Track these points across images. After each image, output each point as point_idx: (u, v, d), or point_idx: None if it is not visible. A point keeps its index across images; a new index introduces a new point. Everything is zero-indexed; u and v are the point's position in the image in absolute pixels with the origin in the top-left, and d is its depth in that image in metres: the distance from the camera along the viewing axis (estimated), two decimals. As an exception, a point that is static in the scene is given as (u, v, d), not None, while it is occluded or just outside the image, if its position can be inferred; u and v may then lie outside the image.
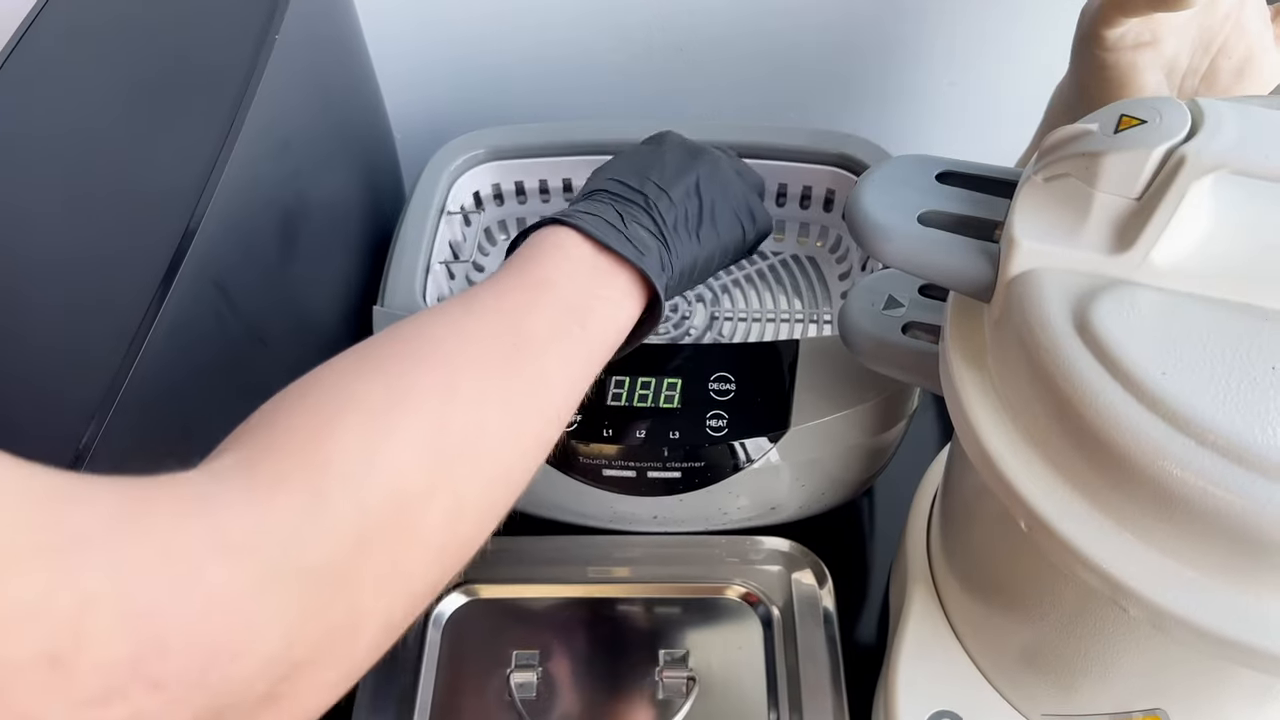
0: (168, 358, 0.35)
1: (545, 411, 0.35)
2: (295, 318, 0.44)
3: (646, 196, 0.42)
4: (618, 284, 0.40)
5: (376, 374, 0.31)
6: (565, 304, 0.37)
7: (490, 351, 0.33)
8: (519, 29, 0.65)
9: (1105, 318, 0.32)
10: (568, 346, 0.36)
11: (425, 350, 0.32)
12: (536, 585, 0.50)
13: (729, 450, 0.46)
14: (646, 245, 0.41)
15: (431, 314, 0.35)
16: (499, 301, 0.36)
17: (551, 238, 0.39)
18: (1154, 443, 0.29)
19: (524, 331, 0.35)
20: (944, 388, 0.38)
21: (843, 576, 0.50)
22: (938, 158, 0.39)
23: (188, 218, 0.37)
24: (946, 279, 0.37)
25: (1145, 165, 0.32)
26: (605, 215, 0.41)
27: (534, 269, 0.38)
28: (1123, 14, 0.43)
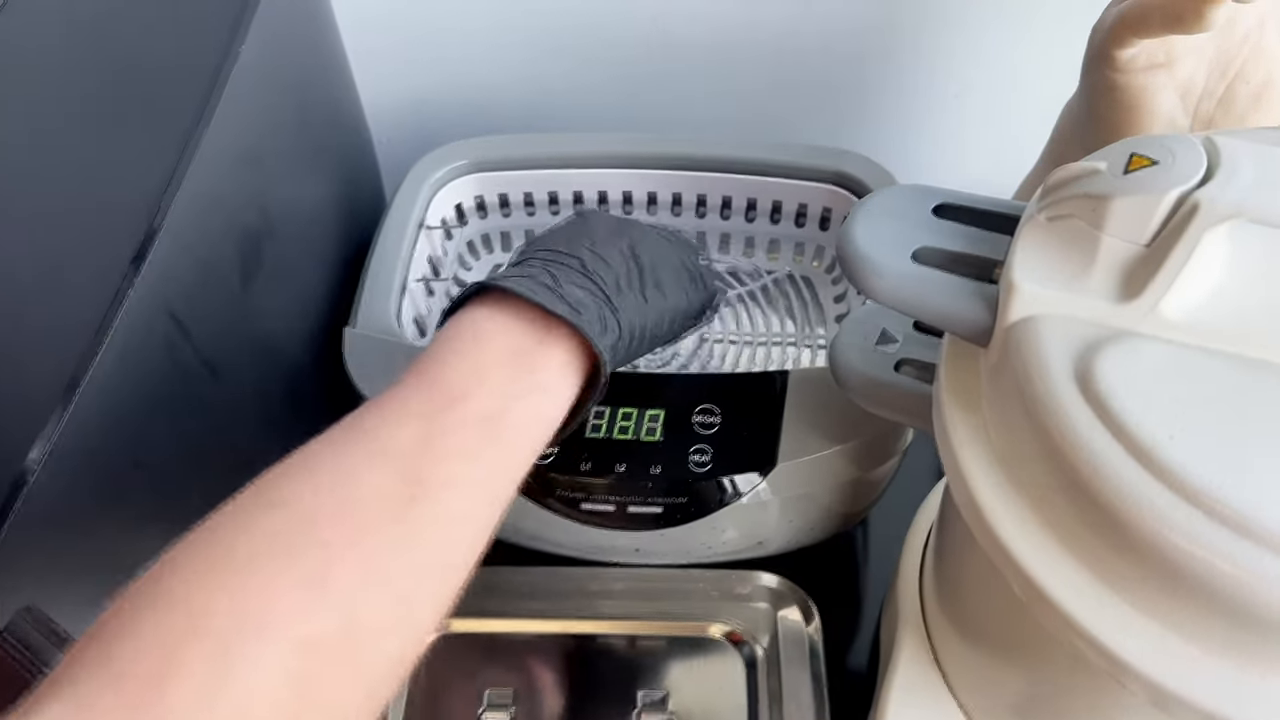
0: (115, 390, 0.33)
1: (447, 569, 0.31)
2: (258, 344, 0.42)
3: (580, 259, 0.39)
4: (551, 363, 0.36)
5: (230, 575, 0.27)
6: (478, 418, 0.33)
7: (377, 513, 0.29)
8: (507, 36, 0.62)
9: (1109, 372, 0.30)
10: (479, 475, 0.32)
11: (294, 526, 0.28)
12: (511, 620, 0.48)
13: (714, 486, 0.44)
14: (583, 303, 0.37)
15: (312, 460, 0.31)
16: (395, 435, 0.31)
17: (470, 320, 0.36)
18: (1159, 512, 0.27)
19: (422, 476, 0.31)
20: (936, 435, 0.36)
21: (831, 610, 0.48)
22: (935, 189, 0.37)
23: (140, 240, 0.35)
24: (941, 321, 0.34)
25: (1156, 211, 0.30)
26: (537, 277, 0.38)
27: (443, 374, 0.34)
28: (1136, 34, 0.41)
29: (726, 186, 0.56)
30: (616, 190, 0.57)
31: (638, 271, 0.40)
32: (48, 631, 0.30)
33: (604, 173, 0.56)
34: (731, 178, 0.56)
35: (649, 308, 0.40)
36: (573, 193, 0.57)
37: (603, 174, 0.56)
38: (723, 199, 0.57)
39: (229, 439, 0.40)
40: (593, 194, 0.57)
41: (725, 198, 0.57)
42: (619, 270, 0.40)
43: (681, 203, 0.57)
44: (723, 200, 0.57)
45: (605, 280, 0.39)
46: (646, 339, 0.40)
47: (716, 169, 0.55)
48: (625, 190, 0.57)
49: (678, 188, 0.57)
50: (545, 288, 0.37)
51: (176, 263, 0.36)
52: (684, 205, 0.58)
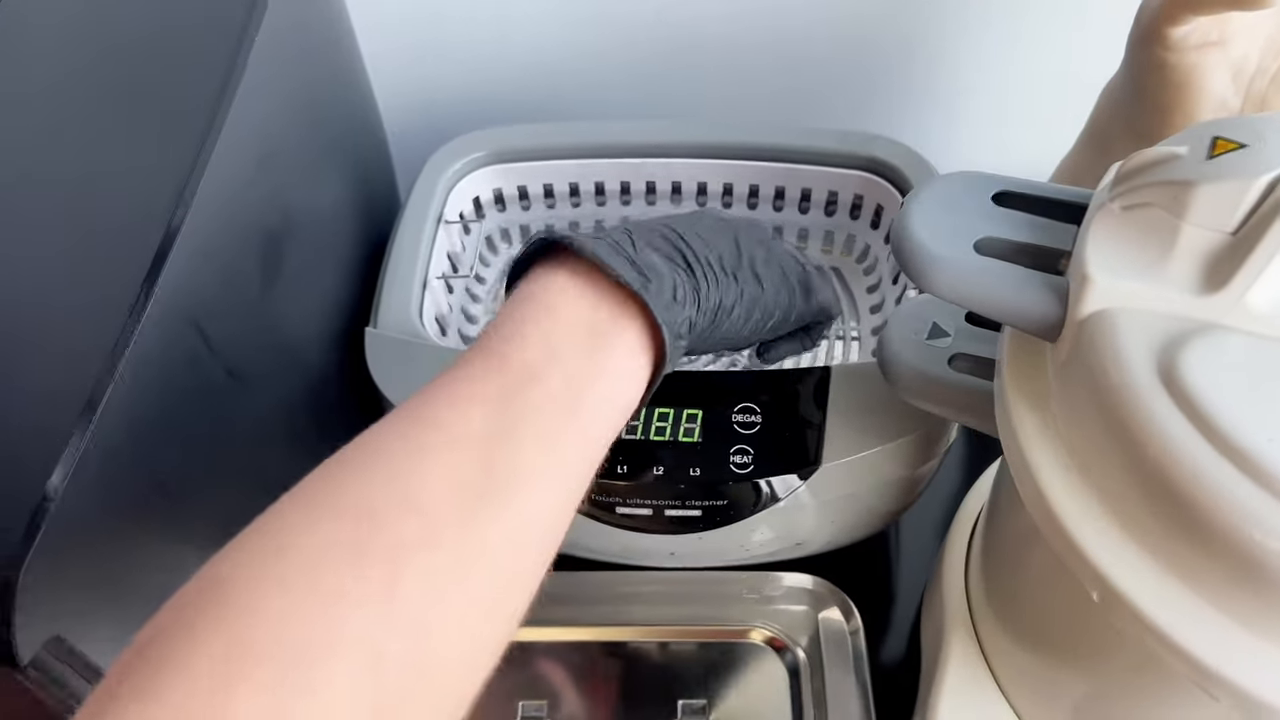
0: (136, 407, 0.31)
1: (522, 573, 0.29)
2: (280, 349, 0.40)
3: (672, 227, 0.36)
4: (624, 341, 0.33)
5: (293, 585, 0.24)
6: (554, 401, 0.30)
7: (449, 511, 0.27)
8: (522, 24, 0.60)
9: (1196, 367, 0.28)
10: (557, 464, 0.30)
11: (359, 529, 0.26)
12: (543, 627, 0.47)
13: (754, 488, 0.42)
14: (656, 270, 0.34)
15: (377, 452, 0.28)
16: (467, 420, 0.29)
17: (539, 287, 0.33)
18: (1259, 519, 0.26)
19: (499, 465, 0.28)
20: (1001, 433, 0.34)
21: (869, 608, 0.47)
22: (992, 175, 0.35)
23: (156, 247, 0.33)
24: (1009, 316, 0.33)
25: (1245, 197, 0.28)
26: (613, 237, 0.34)
27: (514, 352, 0.31)
28: (1191, 11, 0.39)
29: (753, 174, 0.54)
30: (640, 180, 0.55)
31: (734, 254, 0.37)
32: (77, 664, 0.28)
33: (626, 162, 0.54)
34: (759, 165, 0.54)
35: (738, 287, 0.37)
36: (594, 183, 0.55)
37: (625, 164, 0.54)
38: (749, 187, 0.55)
39: (254, 454, 0.39)
40: (615, 184, 0.55)
41: (752, 186, 0.55)
42: (712, 245, 0.37)
43: (707, 191, 0.56)
44: (749, 188, 0.55)
45: (692, 249, 0.36)
46: (732, 323, 0.37)
47: (743, 156, 0.54)
48: (649, 179, 0.55)
49: (703, 176, 0.55)
50: (616, 249, 0.34)
51: (196, 269, 0.34)
52: (709, 194, 0.56)
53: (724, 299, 0.36)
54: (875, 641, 0.50)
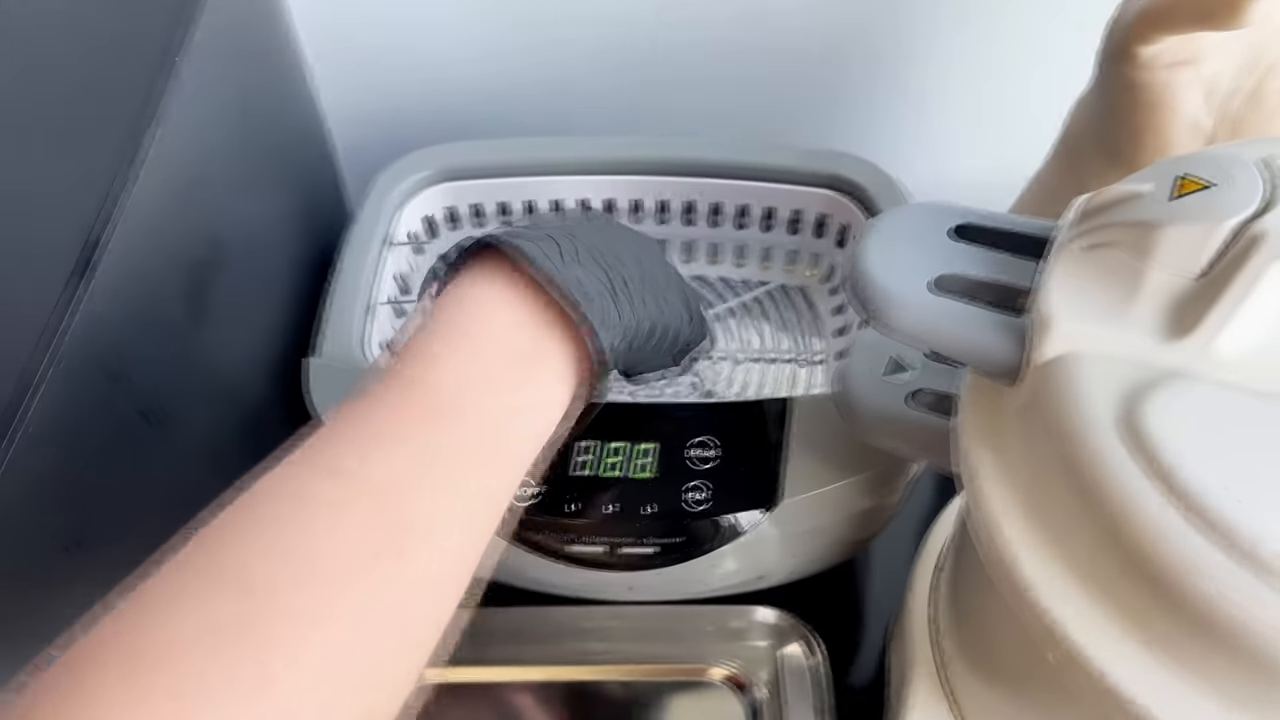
0: (40, 458, 0.29)
1: (432, 624, 0.27)
2: (207, 386, 0.38)
3: (592, 240, 0.34)
4: (552, 363, 0.31)
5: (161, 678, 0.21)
6: (474, 437, 0.28)
7: (351, 577, 0.24)
8: (479, 34, 0.58)
9: (1158, 416, 0.27)
10: (471, 509, 0.28)
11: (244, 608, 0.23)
12: (493, 667, 0.45)
13: (711, 525, 0.41)
14: (585, 290, 0.32)
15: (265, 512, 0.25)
16: (374, 466, 0.26)
17: (467, 295, 0.31)
18: (1218, 576, 0.24)
19: (401, 516, 0.26)
20: (959, 477, 0.33)
21: (831, 636, 0.46)
22: (952, 206, 0.34)
23: (65, 286, 0.31)
24: (966, 358, 0.31)
25: (1211, 241, 0.26)
26: (545, 246, 0.32)
27: (435, 376, 0.28)
28: (1161, 30, 0.37)
29: (716, 191, 0.53)
30: (598, 197, 0.53)
31: (644, 270, 0.36)
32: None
33: (584, 179, 0.53)
34: (721, 182, 0.52)
35: (648, 313, 0.35)
36: (550, 201, 0.53)
37: (583, 180, 0.53)
38: (711, 205, 0.53)
39: (176, 501, 0.36)
40: (572, 202, 0.54)
41: (714, 204, 0.53)
42: (627, 261, 0.35)
43: (668, 209, 0.54)
44: (711, 206, 0.53)
45: (616, 267, 0.34)
46: (644, 346, 0.36)
47: (705, 173, 0.52)
48: (608, 197, 0.53)
49: (664, 193, 0.53)
50: (558, 259, 0.31)
51: (111, 306, 0.32)
52: (671, 212, 0.54)
53: (640, 323, 0.35)
54: (842, 671, 0.48)
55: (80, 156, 0.34)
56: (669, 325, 0.37)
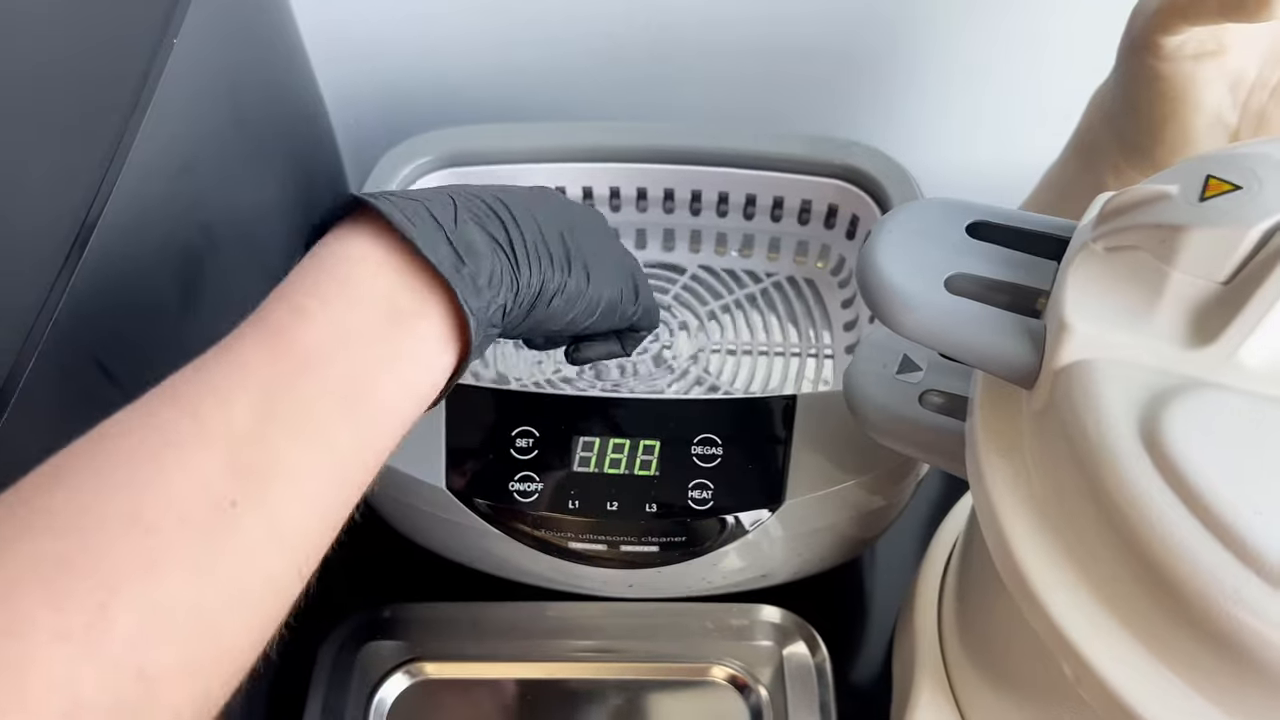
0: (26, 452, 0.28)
1: (273, 586, 0.26)
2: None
3: (502, 200, 0.33)
4: (429, 324, 0.30)
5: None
6: (336, 390, 0.27)
7: (184, 524, 0.23)
8: (482, 17, 0.57)
9: (1180, 428, 0.26)
10: (329, 462, 0.27)
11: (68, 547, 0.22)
12: (493, 663, 0.45)
13: (714, 524, 0.40)
14: (475, 250, 0.31)
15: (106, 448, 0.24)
16: (225, 409, 0.25)
17: (340, 252, 0.30)
18: (1242, 599, 0.23)
19: (254, 467, 0.25)
20: (970, 481, 0.32)
21: (838, 635, 0.45)
22: (967, 203, 0.33)
23: (55, 274, 0.30)
24: (980, 361, 0.30)
25: (1239, 246, 0.25)
26: (432, 206, 0.31)
27: (297, 327, 0.27)
28: (1187, 20, 0.36)
29: (723, 181, 0.52)
30: (603, 185, 0.52)
31: (563, 240, 0.35)
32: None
33: (589, 166, 0.51)
34: (728, 171, 0.51)
35: (562, 277, 0.34)
36: (556, 188, 0.52)
37: (587, 168, 0.52)
38: (719, 194, 0.52)
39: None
40: (576, 189, 0.52)
41: (721, 193, 0.52)
42: (544, 228, 0.34)
43: (674, 198, 0.53)
44: (719, 196, 0.52)
45: (519, 227, 0.33)
46: (550, 312, 0.34)
47: (712, 162, 0.51)
48: (612, 185, 0.52)
49: (669, 182, 0.52)
50: (432, 221, 0.30)
51: (101, 297, 0.31)
52: (676, 201, 0.53)
53: (545, 286, 0.34)
54: (845, 670, 0.48)
55: (70, 141, 0.33)
56: (601, 299, 0.36)
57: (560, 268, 0.34)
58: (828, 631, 0.45)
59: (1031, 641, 0.35)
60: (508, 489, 0.40)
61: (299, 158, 0.48)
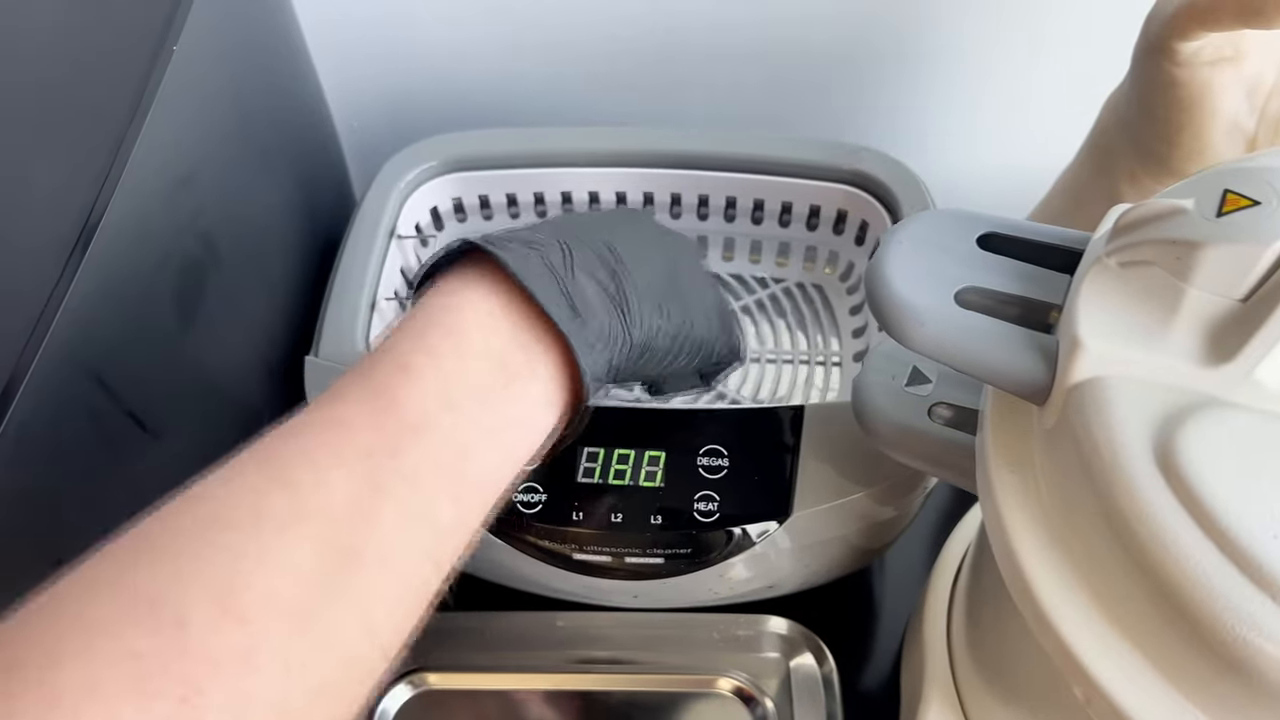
0: (24, 476, 0.28)
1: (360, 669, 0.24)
2: (202, 388, 0.37)
3: (607, 242, 0.32)
4: (535, 385, 0.29)
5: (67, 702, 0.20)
6: (437, 459, 0.26)
7: (281, 606, 0.22)
8: (488, 22, 0.56)
9: (1195, 446, 0.25)
10: (426, 539, 0.26)
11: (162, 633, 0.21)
12: (497, 674, 0.44)
13: (722, 536, 0.40)
14: (590, 306, 0.30)
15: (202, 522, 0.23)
16: (327, 485, 0.24)
17: (449, 304, 0.28)
18: (1253, 620, 0.23)
19: (353, 548, 0.24)
20: (980, 496, 0.31)
21: (846, 646, 0.44)
22: (979, 214, 0.32)
23: (52, 285, 0.29)
24: (991, 377, 0.30)
25: (1257, 263, 0.25)
26: (545, 252, 0.30)
27: (402, 392, 0.26)
28: (1204, 26, 0.36)
29: (731, 186, 0.51)
30: (609, 190, 0.52)
31: (670, 286, 0.33)
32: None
33: (595, 171, 0.51)
34: (736, 176, 0.50)
35: (668, 325, 0.33)
36: (560, 193, 0.52)
37: (594, 173, 0.51)
38: (726, 199, 0.52)
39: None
40: (583, 194, 0.52)
41: (729, 198, 0.52)
42: (649, 267, 0.33)
43: (681, 203, 0.52)
44: (726, 201, 0.52)
45: (630, 275, 0.32)
46: (654, 361, 0.34)
47: (720, 167, 0.50)
48: (619, 190, 0.52)
49: (677, 187, 0.52)
50: (547, 272, 0.29)
51: (97, 309, 0.31)
52: (684, 206, 0.52)
53: (652, 340, 0.33)
54: (853, 682, 0.47)
55: (68, 150, 0.33)
56: (699, 340, 0.35)
57: (666, 315, 0.33)
58: (835, 643, 0.44)
59: (1041, 658, 0.34)
60: (512, 499, 0.40)
61: (302, 164, 0.48)
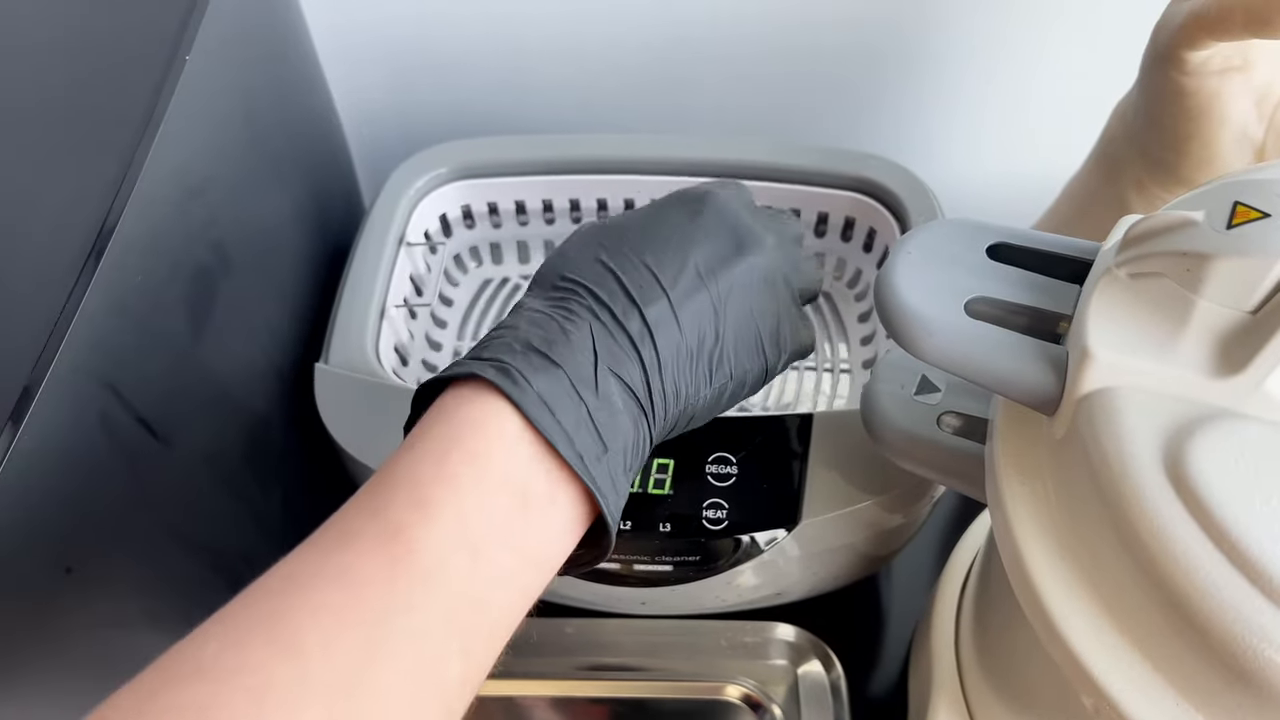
0: (37, 483, 0.28)
1: None
2: (213, 396, 0.37)
3: (648, 328, 0.30)
4: (554, 521, 0.27)
5: None
6: (451, 613, 0.25)
7: None
8: (497, 30, 0.56)
9: (1205, 457, 0.25)
10: (432, 690, 0.24)
11: None
12: (504, 680, 0.44)
13: (730, 543, 0.40)
14: (615, 422, 0.28)
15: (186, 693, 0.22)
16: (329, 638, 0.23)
17: (470, 421, 0.27)
18: (1265, 633, 0.23)
19: (350, 713, 0.22)
20: (990, 506, 0.31)
21: (853, 653, 0.44)
22: (988, 224, 0.32)
23: (66, 294, 0.30)
24: (1001, 387, 0.30)
25: (1267, 276, 0.25)
26: (568, 366, 0.28)
27: (421, 521, 0.25)
28: (1213, 36, 0.36)
29: (738, 193, 0.51)
30: (617, 197, 0.52)
31: (714, 337, 0.31)
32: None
33: (602, 179, 0.51)
34: (745, 183, 0.50)
35: (706, 390, 0.31)
36: (569, 199, 0.52)
37: (601, 180, 0.51)
38: (734, 206, 0.52)
39: (181, 516, 0.36)
40: (591, 201, 0.52)
41: (737, 205, 0.51)
42: (687, 338, 0.30)
43: (688, 210, 0.52)
44: (734, 207, 0.52)
45: (660, 362, 0.29)
46: (687, 423, 0.32)
47: (728, 174, 0.50)
48: (627, 197, 0.52)
49: (684, 194, 0.51)
50: (573, 396, 0.27)
51: (111, 320, 0.31)
52: (691, 213, 0.52)
53: (685, 415, 0.31)
54: (860, 689, 0.47)
55: (81, 160, 0.33)
56: (744, 378, 0.33)
57: (710, 378, 0.31)
58: (843, 649, 0.44)
59: (1050, 666, 0.34)
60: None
61: (313, 173, 0.48)
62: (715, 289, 0.32)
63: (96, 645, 0.31)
